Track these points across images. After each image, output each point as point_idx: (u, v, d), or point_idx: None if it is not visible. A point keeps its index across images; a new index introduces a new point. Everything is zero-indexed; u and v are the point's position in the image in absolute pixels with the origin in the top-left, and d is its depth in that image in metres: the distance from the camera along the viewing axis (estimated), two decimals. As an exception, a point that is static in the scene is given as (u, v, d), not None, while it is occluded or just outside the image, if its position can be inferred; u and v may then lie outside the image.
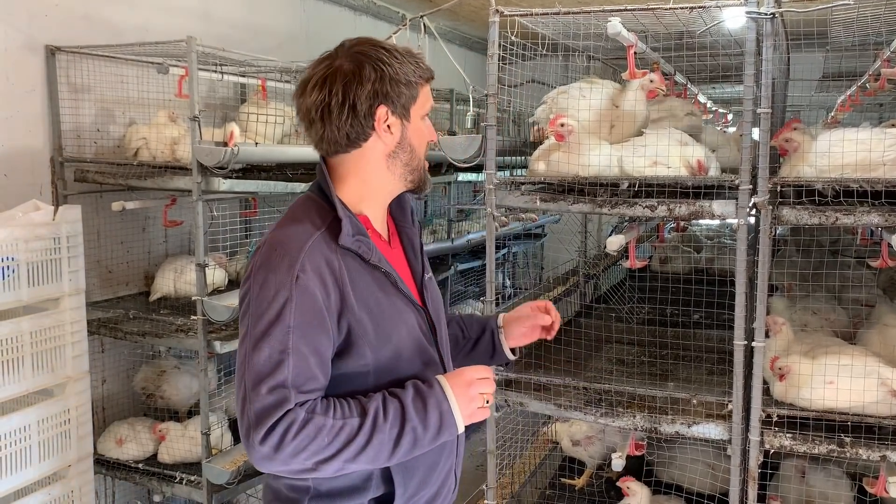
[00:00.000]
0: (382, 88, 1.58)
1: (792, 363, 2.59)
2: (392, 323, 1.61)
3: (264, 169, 3.69)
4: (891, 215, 2.34)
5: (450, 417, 1.55)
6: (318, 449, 1.45)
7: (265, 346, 1.47)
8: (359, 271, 1.58)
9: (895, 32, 2.80)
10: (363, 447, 1.48)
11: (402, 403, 1.52)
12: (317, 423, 1.45)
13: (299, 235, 1.55)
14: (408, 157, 1.66)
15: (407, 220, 1.81)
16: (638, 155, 2.75)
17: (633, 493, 3.01)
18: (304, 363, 1.48)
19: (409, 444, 1.52)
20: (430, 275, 1.82)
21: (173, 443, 3.46)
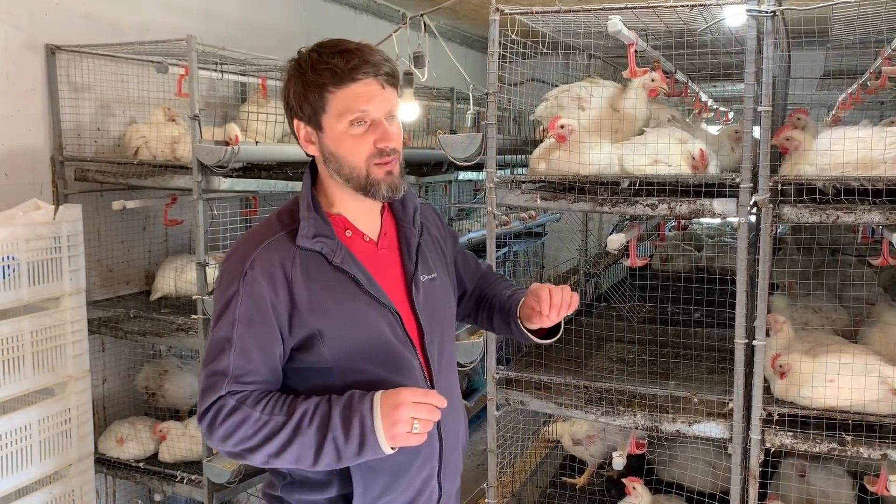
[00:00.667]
0: (289, 102, 1.63)
1: (793, 361, 2.59)
2: (350, 325, 1.60)
3: (264, 168, 3.69)
4: (892, 213, 2.34)
5: (371, 436, 1.49)
6: (243, 438, 1.51)
7: (214, 334, 1.56)
8: (320, 271, 1.59)
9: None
10: (284, 446, 1.50)
11: (330, 412, 1.51)
12: (243, 413, 1.51)
13: (259, 235, 1.61)
14: (336, 166, 1.61)
15: (408, 219, 1.77)
16: (638, 153, 2.75)
17: (637, 495, 3.01)
18: (244, 356, 1.54)
19: (331, 453, 1.50)
20: (432, 276, 1.77)
21: (174, 442, 3.46)
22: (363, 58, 1.56)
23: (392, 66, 1.61)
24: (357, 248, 1.66)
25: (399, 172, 1.63)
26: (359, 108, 1.56)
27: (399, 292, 1.70)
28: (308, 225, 1.59)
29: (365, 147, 1.58)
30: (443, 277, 1.82)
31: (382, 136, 1.58)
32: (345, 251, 1.62)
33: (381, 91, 1.58)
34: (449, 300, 1.85)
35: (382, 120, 1.59)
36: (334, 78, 1.55)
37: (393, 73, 1.61)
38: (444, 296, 1.82)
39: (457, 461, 1.83)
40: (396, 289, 1.70)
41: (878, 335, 2.83)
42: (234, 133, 3.22)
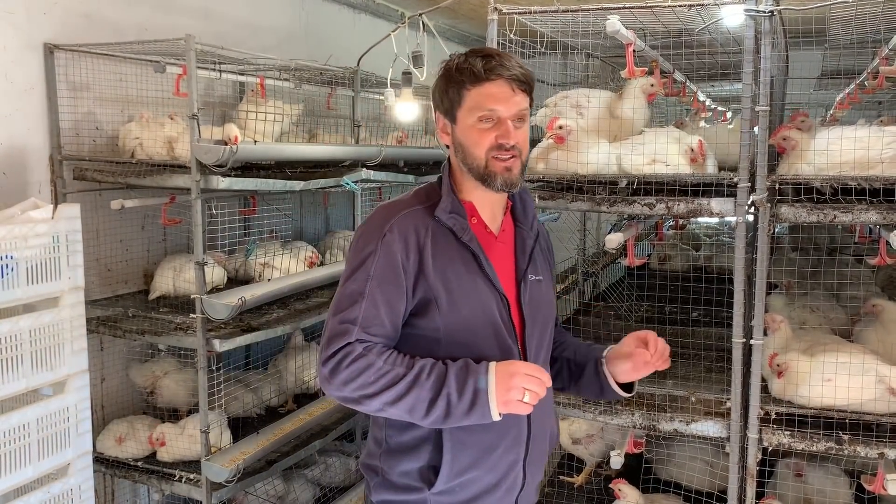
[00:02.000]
0: (436, 98, 1.83)
1: (790, 360, 2.59)
2: (466, 297, 1.75)
3: (263, 167, 3.69)
4: (889, 213, 2.34)
5: (483, 396, 1.62)
6: (364, 384, 1.64)
7: (348, 286, 1.73)
8: (448, 245, 1.76)
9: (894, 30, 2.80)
10: (401, 395, 1.63)
11: (447, 370, 1.65)
12: (368, 360, 1.65)
13: (398, 206, 1.80)
14: (463, 155, 1.79)
15: (527, 222, 1.92)
16: (636, 153, 2.75)
17: (625, 496, 3.01)
18: (374, 309, 1.70)
19: (442, 408, 1.63)
20: (539, 278, 1.91)
21: (172, 441, 3.46)
22: (500, 62, 1.74)
23: (527, 74, 1.77)
24: (480, 234, 1.83)
25: (518, 171, 1.79)
26: (487, 106, 1.74)
27: (509, 283, 1.85)
28: (448, 201, 1.79)
29: (487, 141, 1.75)
30: (547, 284, 1.96)
31: (504, 132, 1.74)
32: (472, 232, 1.80)
33: (512, 94, 1.75)
34: (550, 305, 1.98)
35: (508, 120, 1.75)
36: (472, 77, 1.74)
37: (526, 80, 1.77)
38: (547, 299, 1.96)
39: (542, 452, 1.94)
40: (507, 280, 1.85)
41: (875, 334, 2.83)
42: (234, 133, 3.22)
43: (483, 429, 1.75)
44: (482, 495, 1.81)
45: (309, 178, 3.73)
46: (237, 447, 3.44)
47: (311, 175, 3.82)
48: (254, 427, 3.70)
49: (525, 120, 1.79)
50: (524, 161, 1.81)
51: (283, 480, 4.02)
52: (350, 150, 4.11)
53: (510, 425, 1.79)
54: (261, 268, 3.85)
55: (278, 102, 3.97)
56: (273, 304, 3.77)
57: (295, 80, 4.23)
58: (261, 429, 3.66)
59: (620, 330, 3.58)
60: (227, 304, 3.16)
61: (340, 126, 4.67)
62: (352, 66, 4.32)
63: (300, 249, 4.09)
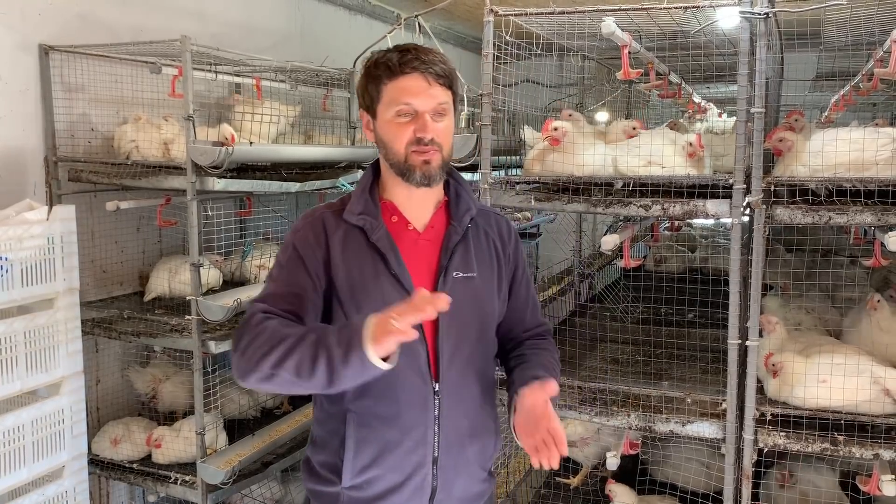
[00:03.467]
0: (359, 93, 1.83)
1: (785, 361, 2.60)
2: (367, 297, 1.74)
3: (259, 168, 3.68)
4: (884, 214, 2.35)
5: (356, 337, 1.51)
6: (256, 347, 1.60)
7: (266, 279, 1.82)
8: (358, 245, 1.77)
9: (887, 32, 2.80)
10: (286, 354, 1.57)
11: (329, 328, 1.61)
12: (265, 325, 1.64)
13: (317, 209, 1.85)
14: (384, 151, 1.79)
15: (457, 218, 1.87)
16: (632, 155, 2.76)
17: (616, 495, 3.01)
18: (281, 289, 1.74)
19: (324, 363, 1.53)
20: (470, 275, 1.83)
21: (168, 443, 3.45)
22: (416, 55, 1.72)
23: (446, 68, 1.75)
24: (398, 233, 1.81)
25: (438, 165, 1.76)
26: (403, 100, 1.72)
27: (426, 282, 1.79)
28: (356, 203, 1.80)
29: (405, 135, 1.73)
30: (485, 281, 1.87)
31: (421, 126, 1.72)
32: (383, 231, 1.78)
33: (428, 87, 1.72)
34: (485, 303, 1.88)
35: (426, 114, 1.72)
36: (388, 71, 1.72)
37: (445, 74, 1.74)
38: (480, 297, 1.86)
39: (462, 461, 1.84)
40: (424, 278, 1.80)
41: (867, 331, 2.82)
42: (229, 133, 3.21)
43: (386, 425, 1.75)
44: (388, 494, 1.79)
45: (305, 180, 3.72)
46: (233, 449, 3.43)
47: (307, 176, 3.82)
48: (249, 429, 3.69)
49: (445, 114, 1.76)
50: (445, 155, 1.78)
51: (278, 482, 4.01)
52: (346, 152, 4.11)
53: (414, 423, 1.77)
54: (256, 269, 3.84)
55: (275, 103, 3.96)
56: (269, 306, 3.76)
57: (291, 81, 4.23)
58: (256, 431, 3.65)
59: (616, 331, 3.59)
60: (223, 305, 3.15)
61: (336, 127, 4.66)
62: (348, 68, 4.31)
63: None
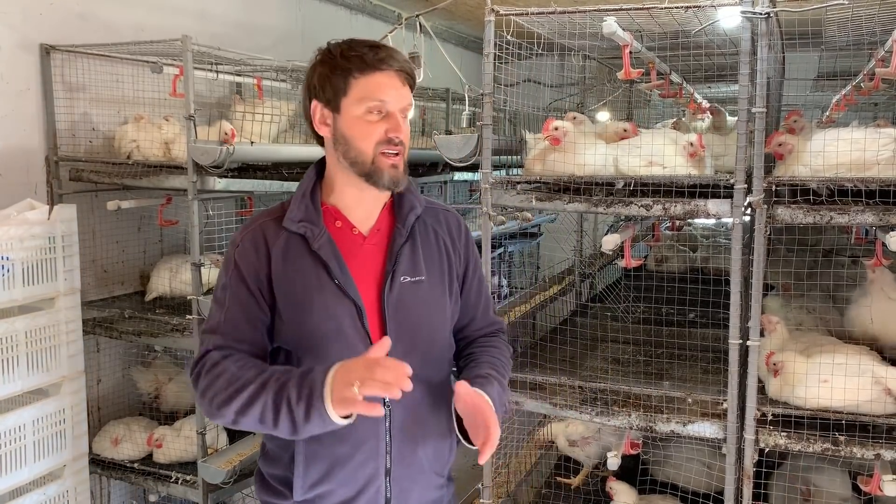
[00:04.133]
0: (312, 83, 1.70)
1: (786, 360, 2.59)
2: (310, 308, 1.66)
3: (260, 168, 3.68)
4: (885, 214, 2.35)
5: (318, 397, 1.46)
6: (217, 391, 1.58)
7: (213, 300, 1.73)
8: (299, 254, 1.69)
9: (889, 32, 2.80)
10: (248, 403, 1.54)
11: (291, 374, 1.55)
12: (222, 367, 1.60)
13: (256, 217, 1.77)
14: (345, 149, 1.68)
15: (401, 219, 1.77)
16: (633, 154, 2.76)
17: (618, 493, 3.01)
18: (231, 316, 1.67)
19: (286, 416, 1.50)
20: (418, 278, 1.74)
21: (168, 443, 3.45)
22: (389, 53, 1.67)
23: (412, 69, 1.72)
24: (342, 239, 1.72)
25: (403, 168, 1.70)
26: (378, 97, 1.65)
27: (372, 288, 1.72)
28: (296, 209, 1.70)
29: (376, 134, 1.65)
30: (435, 283, 1.77)
31: (394, 126, 1.66)
32: (326, 239, 1.69)
33: (401, 87, 1.68)
34: (435, 307, 1.79)
35: (397, 113, 1.67)
36: (361, 65, 1.64)
37: (412, 75, 1.71)
38: (429, 300, 1.77)
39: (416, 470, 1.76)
40: (370, 284, 1.72)
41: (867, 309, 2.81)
42: (229, 129, 3.21)
43: (336, 440, 1.65)
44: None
45: (306, 179, 3.71)
46: (233, 449, 3.44)
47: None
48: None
49: (407, 115, 1.71)
50: (406, 158, 1.71)
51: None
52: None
53: (366, 437, 1.67)
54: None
55: (274, 101, 3.96)
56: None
57: (292, 80, 4.23)
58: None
59: (618, 331, 3.59)
60: (224, 305, 3.15)
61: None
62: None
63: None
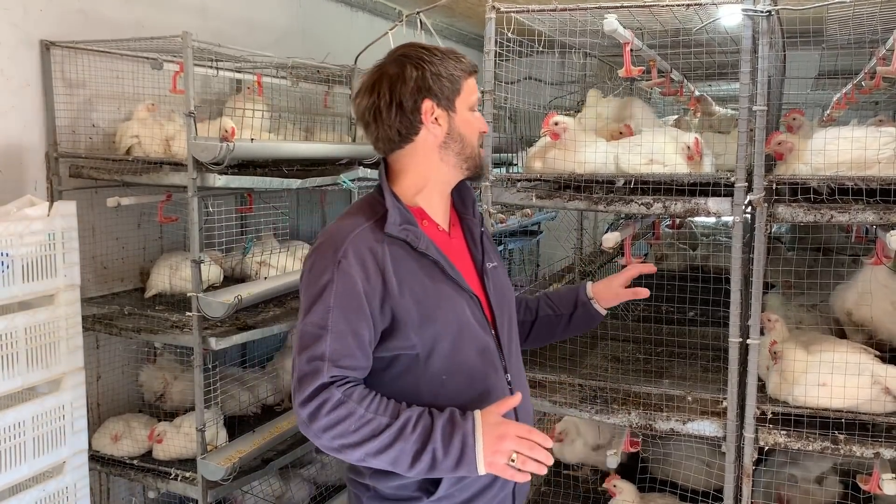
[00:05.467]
0: (425, 84, 1.74)
1: (787, 351, 2.60)
2: (436, 307, 1.71)
3: (260, 165, 3.68)
4: (886, 213, 2.35)
5: (471, 454, 1.58)
6: (344, 432, 1.57)
7: (307, 321, 1.65)
8: (406, 258, 1.70)
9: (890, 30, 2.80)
10: (385, 447, 1.57)
11: (433, 423, 1.60)
12: (349, 407, 1.58)
13: (347, 227, 1.72)
14: (459, 147, 1.79)
15: (468, 211, 1.93)
16: (634, 152, 2.75)
17: (620, 491, 3.01)
18: (341, 340, 1.62)
19: (427, 462, 1.58)
20: (494, 264, 1.92)
21: (168, 439, 3.45)
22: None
23: None
24: (434, 236, 1.80)
25: None
26: (476, 98, 1.83)
27: (472, 279, 1.85)
28: (395, 213, 1.72)
29: (477, 129, 1.83)
30: (501, 266, 1.97)
31: (483, 124, 1.85)
32: (427, 238, 1.75)
33: None
34: (510, 287, 1.99)
35: None
36: (465, 67, 1.79)
37: None
38: (506, 283, 1.98)
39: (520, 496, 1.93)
40: (470, 276, 1.85)
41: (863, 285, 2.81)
42: (230, 126, 3.21)
43: None
44: (481, 493, 1.80)
45: (306, 177, 3.72)
46: (233, 446, 3.44)
47: (308, 173, 3.81)
48: (250, 425, 3.69)
49: None
50: None
51: (279, 479, 4.02)
52: (347, 149, 4.10)
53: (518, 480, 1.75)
54: (257, 266, 3.84)
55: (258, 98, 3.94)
56: (269, 303, 3.76)
57: (292, 77, 4.23)
58: (257, 427, 3.65)
59: (617, 329, 3.59)
60: (224, 302, 3.15)
61: (337, 124, 4.66)
62: (349, 65, 4.31)
63: (297, 248, 4.09)
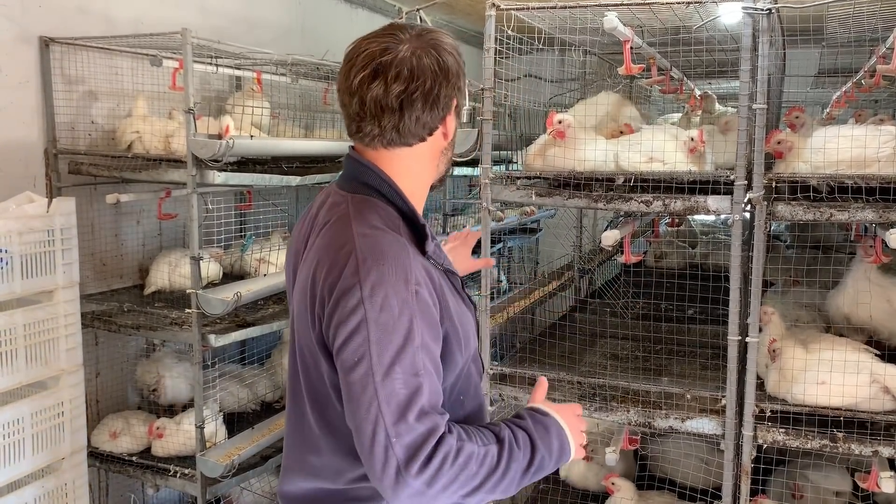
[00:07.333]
0: (458, 83, 1.59)
1: (785, 349, 2.60)
2: (467, 325, 1.58)
3: (259, 162, 3.67)
4: (885, 211, 2.35)
5: (567, 446, 1.54)
6: (468, 478, 1.37)
7: (399, 371, 1.34)
8: (436, 273, 1.51)
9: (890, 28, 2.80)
10: (503, 475, 1.42)
11: (529, 433, 1.49)
12: (468, 450, 1.37)
13: (397, 247, 1.43)
14: (450, 154, 1.65)
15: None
16: (634, 150, 2.75)
17: (618, 489, 3.02)
18: (431, 379, 1.39)
19: (534, 471, 1.48)
20: None
21: (167, 436, 3.46)
22: None
23: None
24: None
25: None
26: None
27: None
28: (429, 232, 1.55)
29: None
30: None
31: None
32: (444, 253, 1.60)
33: None
34: None
35: None
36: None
37: None
38: None
39: None
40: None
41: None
42: (226, 123, 3.21)
43: None
44: None
45: (305, 174, 3.71)
46: (232, 442, 3.44)
47: (308, 170, 3.81)
48: (249, 422, 3.70)
49: None
50: None
51: (277, 476, 4.01)
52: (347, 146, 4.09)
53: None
54: (256, 263, 3.84)
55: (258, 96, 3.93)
56: (268, 300, 3.77)
57: (291, 74, 4.22)
58: (256, 424, 3.65)
59: (616, 327, 3.59)
60: (223, 299, 3.15)
61: (337, 121, 4.66)
62: (349, 62, 4.31)
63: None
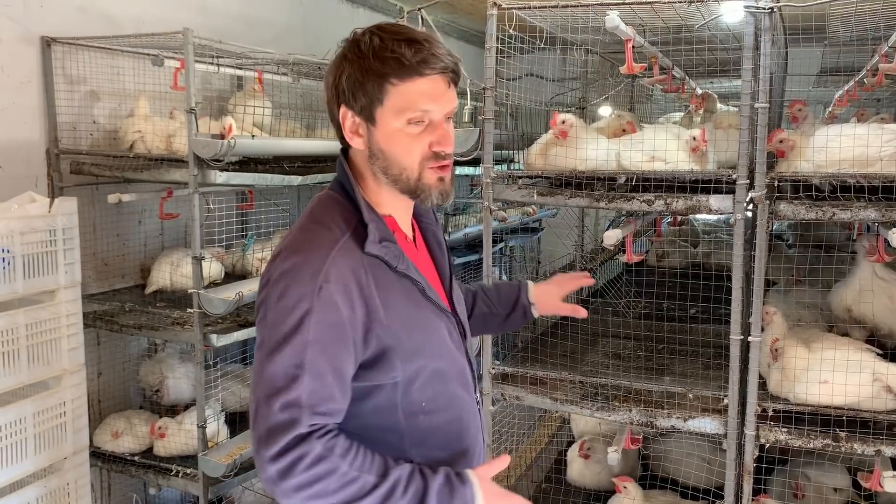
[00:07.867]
0: (339, 85, 1.44)
1: (787, 348, 2.60)
2: (422, 335, 1.48)
3: (261, 162, 3.68)
4: (887, 210, 2.34)
5: None
6: (322, 493, 1.32)
7: (279, 358, 1.34)
8: (386, 280, 1.43)
9: (893, 27, 2.79)
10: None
11: (427, 486, 1.37)
12: (330, 464, 1.32)
13: (323, 242, 1.40)
14: (384, 164, 1.45)
15: (429, 215, 1.65)
16: (636, 150, 2.75)
17: (628, 493, 3.01)
18: (320, 381, 1.34)
19: None
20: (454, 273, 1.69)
21: (169, 436, 3.46)
22: (431, 50, 1.40)
23: (457, 62, 1.46)
24: (406, 251, 1.52)
25: (451, 178, 1.49)
26: (420, 107, 1.41)
27: (441, 292, 1.59)
28: (375, 229, 1.44)
29: (420, 148, 1.43)
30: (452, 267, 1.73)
31: (441, 139, 1.44)
32: (406, 258, 1.48)
33: (446, 90, 1.44)
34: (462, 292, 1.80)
35: (443, 121, 1.45)
36: (400, 69, 1.39)
37: (458, 71, 1.46)
38: (461, 291, 1.78)
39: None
40: (438, 289, 1.59)
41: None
42: (228, 123, 3.21)
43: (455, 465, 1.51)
44: None
45: (307, 173, 3.71)
46: (234, 442, 3.44)
47: (309, 170, 3.81)
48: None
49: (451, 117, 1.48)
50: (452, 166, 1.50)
51: (279, 475, 4.01)
52: (348, 146, 4.10)
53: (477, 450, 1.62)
54: (258, 262, 3.84)
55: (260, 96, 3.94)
56: (270, 299, 3.76)
57: (293, 74, 4.22)
58: (258, 424, 3.65)
59: (618, 326, 3.58)
60: (225, 298, 3.15)
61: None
62: (350, 61, 4.30)
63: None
